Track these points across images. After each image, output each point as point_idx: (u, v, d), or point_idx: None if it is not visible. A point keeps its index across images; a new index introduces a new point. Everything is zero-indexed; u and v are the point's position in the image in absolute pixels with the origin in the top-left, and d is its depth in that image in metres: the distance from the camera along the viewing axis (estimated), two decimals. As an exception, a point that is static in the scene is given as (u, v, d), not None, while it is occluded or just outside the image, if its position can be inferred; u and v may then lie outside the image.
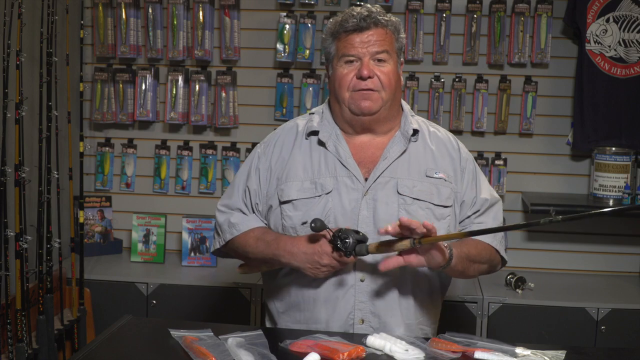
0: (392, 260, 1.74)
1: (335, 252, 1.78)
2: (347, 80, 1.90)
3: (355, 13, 1.89)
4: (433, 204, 1.90)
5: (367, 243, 1.76)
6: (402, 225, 1.69)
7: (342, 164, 1.92)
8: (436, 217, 1.89)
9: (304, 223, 1.87)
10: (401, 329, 1.87)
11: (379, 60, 1.89)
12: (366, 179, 1.91)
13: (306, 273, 1.85)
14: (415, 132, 1.98)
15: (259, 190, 2.00)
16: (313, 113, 2.05)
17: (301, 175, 1.93)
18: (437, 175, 1.94)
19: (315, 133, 1.98)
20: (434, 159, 1.97)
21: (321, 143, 1.96)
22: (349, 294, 1.88)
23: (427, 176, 1.93)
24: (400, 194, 1.89)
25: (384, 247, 1.76)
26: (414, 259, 1.74)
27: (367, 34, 1.88)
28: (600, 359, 1.68)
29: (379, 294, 1.88)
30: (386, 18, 1.91)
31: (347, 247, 1.74)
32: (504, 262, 2.05)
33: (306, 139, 1.99)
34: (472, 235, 1.77)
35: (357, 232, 1.77)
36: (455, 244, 1.83)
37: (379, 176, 1.90)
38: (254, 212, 2.03)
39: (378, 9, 1.92)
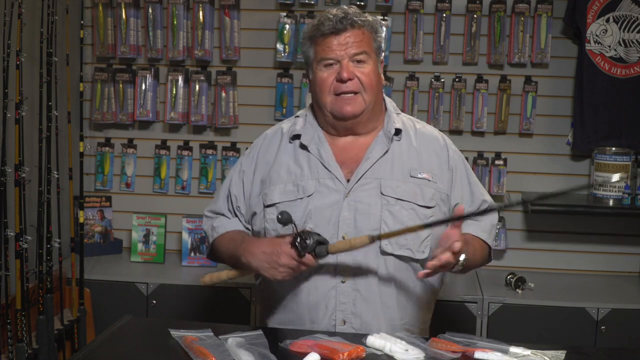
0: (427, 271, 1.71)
1: (294, 250, 1.76)
2: (328, 84, 1.89)
3: (331, 16, 1.88)
4: (417, 204, 1.90)
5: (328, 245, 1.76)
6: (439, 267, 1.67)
7: (324, 166, 1.92)
8: (419, 218, 1.89)
9: (285, 225, 1.87)
10: (383, 330, 1.84)
11: (358, 62, 1.88)
12: (348, 180, 1.90)
13: (264, 274, 1.84)
14: (398, 131, 1.97)
15: (241, 193, 2.03)
16: (299, 116, 2.05)
17: (285, 178, 1.94)
18: (420, 176, 1.93)
19: (298, 137, 1.98)
20: (418, 158, 1.96)
21: (303, 146, 1.96)
22: (330, 295, 1.88)
23: (411, 176, 1.92)
24: (383, 195, 1.88)
25: (343, 245, 1.76)
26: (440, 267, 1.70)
27: (344, 36, 1.87)
28: (600, 359, 1.68)
29: (360, 295, 1.87)
30: (362, 18, 1.90)
31: (307, 247, 1.73)
32: (489, 259, 2.06)
33: (290, 142, 1.99)
34: (430, 226, 1.75)
35: (319, 235, 1.76)
36: (466, 245, 1.80)
37: (361, 177, 1.90)
38: (236, 216, 2.05)
39: (354, 10, 1.91)
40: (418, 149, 1.97)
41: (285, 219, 1.75)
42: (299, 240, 1.74)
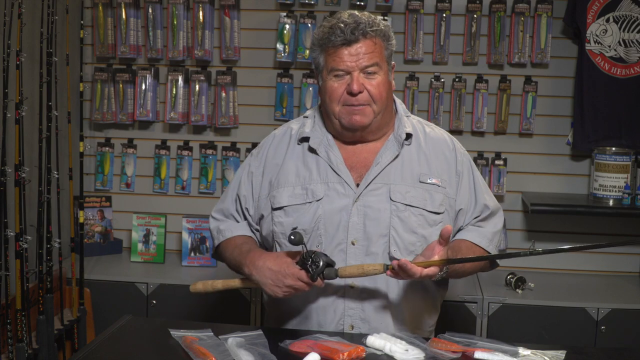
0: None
1: (303, 271, 1.75)
2: (338, 95, 1.87)
3: (342, 25, 1.82)
4: (426, 210, 1.89)
5: (336, 267, 1.76)
6: (399, 267, 1.69)
7: (333, 170, 1.91)
8: (429, 224, 1.89)
9: (294, 229, 1.85)
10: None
11: (369, 73, 1.85)
12: (358, 185, 1.89)
13: (264, 289, 1.83)
14: (409, 136, 1.95)
15: (250, 194, 2.01)
16: (307, 117, 2.03)
17: (293, 181, 1.93)
18: (430, 181, 1.91)
19: (306, 139, 1.96)
20: (427, 163, 1.94)
21: (312, 149, 1.94)
22: (339, 300, 1.88)
23: (420, 182, 1.91)
24: (392, 201, 1.87)
25: (355, 270, 1.76)
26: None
27: (356, 47, 1.83)
28: (600, 359, 1.68)
29: (369, 300, 1.87)
30: (375, 27, 1.85)
31: (317, 271, 1.73)
32: (495, 265, 2.05)
33: (299, 144, 1.98)
34: (450, 263, 1.75)
35: (326, 255, 1.75)
36: (452, 251, 1.80)
37: (370, 182, 1.88)
38: (245, 219, 2.04)
39: (367, 18, 1.86)
40: (427, 153, 1.95)
41: (297, 240, 1.72)
42: (309, 262, 1.73)
